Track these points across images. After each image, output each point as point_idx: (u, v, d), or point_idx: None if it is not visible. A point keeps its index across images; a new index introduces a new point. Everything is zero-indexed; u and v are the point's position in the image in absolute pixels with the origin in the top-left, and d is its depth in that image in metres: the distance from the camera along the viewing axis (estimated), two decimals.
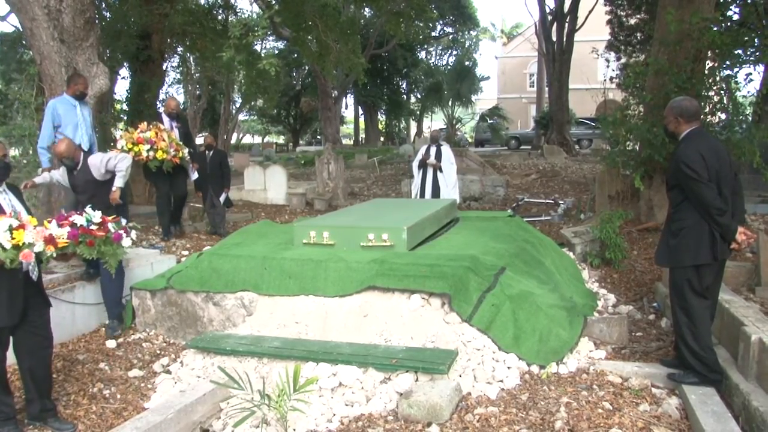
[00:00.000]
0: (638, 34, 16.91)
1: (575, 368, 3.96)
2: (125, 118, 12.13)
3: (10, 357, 3.55)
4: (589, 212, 9.50)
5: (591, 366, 3.98)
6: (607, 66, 17.43)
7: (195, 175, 7.83)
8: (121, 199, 5.42)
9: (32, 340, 3.53)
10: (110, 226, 4.04)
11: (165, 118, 7.49)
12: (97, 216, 3.99)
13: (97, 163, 5.20)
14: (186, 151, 7.27)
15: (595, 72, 30.72)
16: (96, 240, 3.89)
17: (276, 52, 31.23)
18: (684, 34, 7.34)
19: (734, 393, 3.46)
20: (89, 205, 4.18)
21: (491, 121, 25.31)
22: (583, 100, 22.89)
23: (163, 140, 6.83)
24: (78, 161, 5.15)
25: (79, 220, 3.87)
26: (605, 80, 12.33)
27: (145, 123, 7.01)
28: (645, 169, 7.68)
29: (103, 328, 5.12)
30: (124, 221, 4.29)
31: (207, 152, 8.45)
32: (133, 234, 4.23)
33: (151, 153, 6.72)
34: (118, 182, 5.31)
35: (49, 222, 3.63)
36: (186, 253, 7.03)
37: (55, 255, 3.54)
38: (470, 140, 38.30)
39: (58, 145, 5.13)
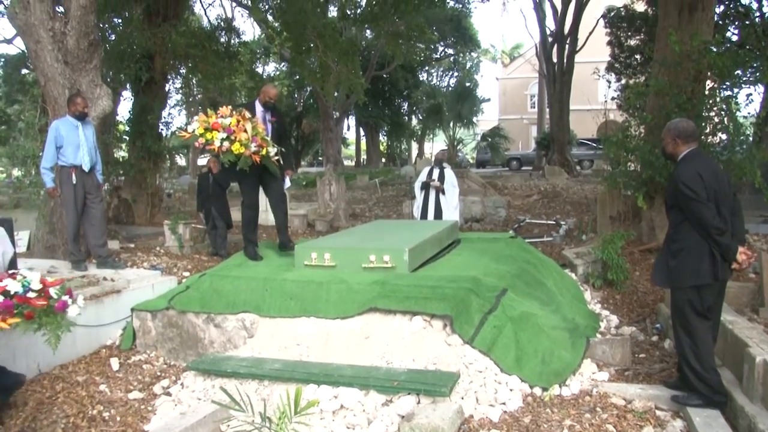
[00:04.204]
0: (638, 56, 17.13)
1: (578, 390, 3.96)
2: (127, 138, 12.25)
3: None
4: (591, 233, 9.51)
5: (594, 388, 3.97)
6: (608, 87, 17.63)
7: (287, 184, 6.53)
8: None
9: None
10: (52, 291, 3.38)
11: (258, 108, 6.14)
12: (35, 280, 3.34)
13: None
14: (273, 150, 5.94)
15: (596, 93, 30.93)
16: (36, 311, 3.22)
17: (277, 73, 31.63)
18: (684, 55, 7.44)
19: (739, 415, 3.45)
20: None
21: (491, 140, 25.59)
22: (584, 121, 23.04)
23: (245, 131, 5.57)
24: None
25: (13, 285, 3.20)
26: (606, 101, 12.45)
27: (230, 107, 5.77)
28: (646, 189, 7.71)
29: (104, 350, 5.10)
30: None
31: (209, 174, 8.55)
32: (80, 300, 3.53)
33: (226, 144, 5.47)
34: None
35: None
36: (187, 274, 7.03)
37: None
38: (471, 161, 38.47)
39: None
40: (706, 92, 7.81)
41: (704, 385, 3.55)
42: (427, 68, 41.18)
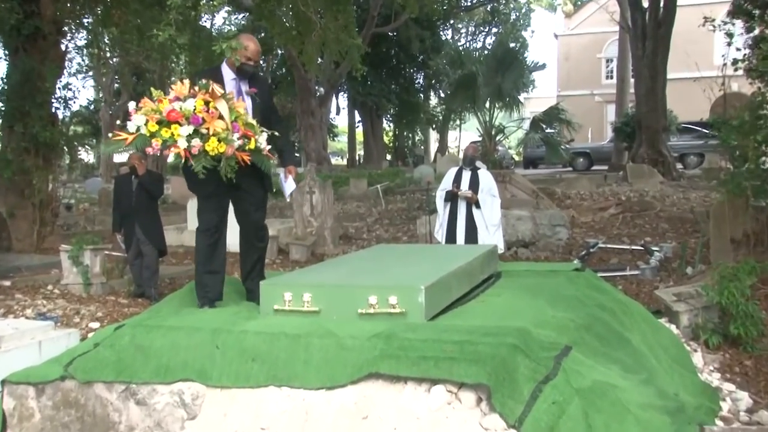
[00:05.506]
0: None
1: None
2: None
3: None
4: (701, 264, 9.49)
5: None
6: (729, 43, 17.32)
7: (292, 186, 6.13)
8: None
9: None
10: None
11: (227, 75, 5.75)
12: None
13: None
14: (263, 138, 5.50)
15: (709, 53, 30.97)
16: None
17: (234, 30, 31.89)
18: None
19: None
20: None
21: (549, 131, 25.47)
22: (689, 96, 22.96)
23: (221, 118, 5.18)
24: None
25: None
26: (725, 64, 12.30)
27: (185, 81, 5.32)
28: None
29: None
30: None
31: (133, 177, 8.57)
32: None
33: (196, 142, 5.07)
34: None
35: None
36: (96, 325, 7.04)
37: None
38: (517, 158, 38.57)
39: None
40: None
41: None
42: (452, 22, 41.55)
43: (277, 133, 5.71)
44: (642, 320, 6.21)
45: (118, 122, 31.81)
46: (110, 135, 5.36)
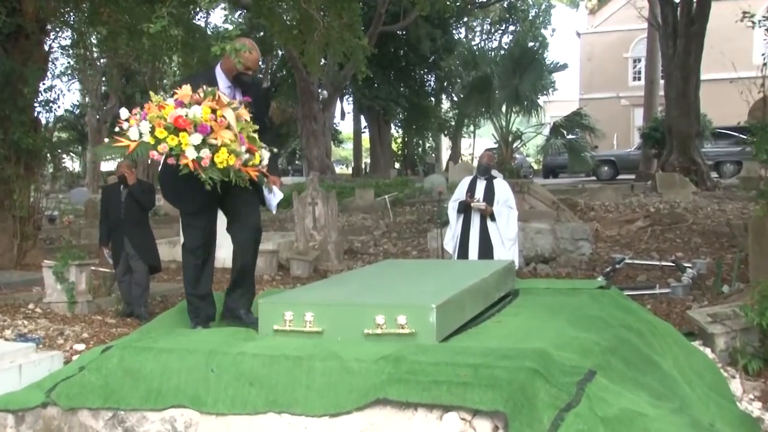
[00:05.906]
0: None
1: None
2: None
3: None
4: (738, 282, 9.45)
5: None
6: None
7: (278, 197, 6.14)
8: None
9: None
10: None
11: (221, 82, 5.72)
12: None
13: None
14: (265, 153, 5.62)
15: (748, 51, 30.86)
16: None
17: (232, 29, 32.05)
18: None
19: None
20: None
21: (570, 137, 25.42)
22: (724, 99, 22.86)
23: (229, 127, 5.18)
24: None
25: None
26: (765, 63, 12.25)
27: (188, 86, 5.28)
28: None
29: None
30: None
31: (122, 187, 8.57)
32: None
33: (206, 152, 5.05)
34: None
35: None
36: (81, 347, 7.04)
37: None
38: (536, 167, 38.60)
39: None
40: None
41: None
42: (465, 20, 41.66)
43: (275, 149, 5.82)
44: (673, 343, 6.18)
45: (107, 128, 32.00)
46: (106, 140, 5.39)
